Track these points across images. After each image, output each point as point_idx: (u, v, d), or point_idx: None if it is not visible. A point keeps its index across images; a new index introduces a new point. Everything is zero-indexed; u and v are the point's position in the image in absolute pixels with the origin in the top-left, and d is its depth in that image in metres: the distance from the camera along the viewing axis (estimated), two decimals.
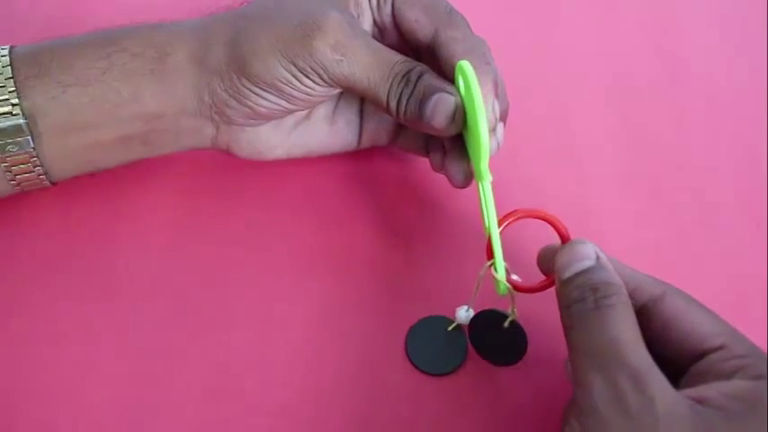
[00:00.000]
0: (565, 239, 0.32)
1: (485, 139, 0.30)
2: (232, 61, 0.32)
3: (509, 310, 0.33)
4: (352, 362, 0.34)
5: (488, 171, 0.32)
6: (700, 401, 0.26)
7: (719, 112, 0.45)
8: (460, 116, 0.32)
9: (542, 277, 0.32)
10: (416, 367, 0.34)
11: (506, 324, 0.33)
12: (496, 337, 0.34)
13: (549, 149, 0.42)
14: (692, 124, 0.44)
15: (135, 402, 0.33)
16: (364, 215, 0.39)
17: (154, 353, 0.34)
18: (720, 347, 0.28)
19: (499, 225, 0.32)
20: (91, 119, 0.33)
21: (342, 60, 0.32)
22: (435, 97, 0.32)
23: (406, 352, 0.34)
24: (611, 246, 0.32)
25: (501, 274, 0.32)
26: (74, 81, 0.32)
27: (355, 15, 0.34)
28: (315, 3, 0.33)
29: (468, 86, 0.31)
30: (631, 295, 0.29)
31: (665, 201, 0.41)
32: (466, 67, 0.31)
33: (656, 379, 0.26)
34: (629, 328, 0.28)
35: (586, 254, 0.30)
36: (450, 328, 0.35)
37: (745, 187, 0.42)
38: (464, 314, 0.34)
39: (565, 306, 0.29)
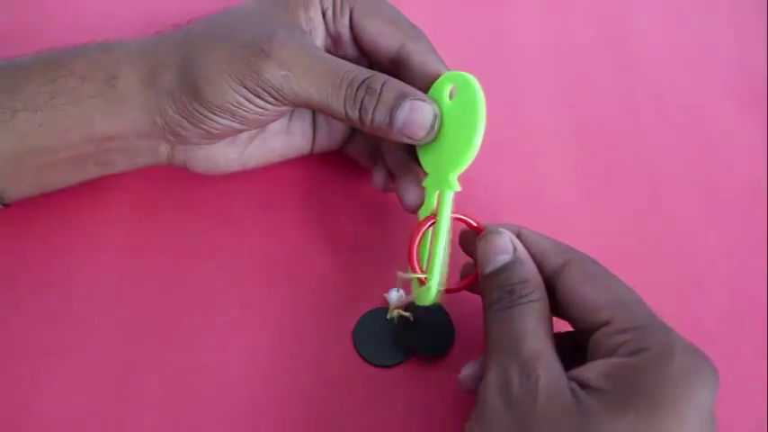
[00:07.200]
0: (479, 230, 0.32)
1: (474, 152, 0.30)
2: (183, 86, 0.32)
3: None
4: (305, 364, 0.35)
5: (457, 182, 0.31)
6: (582, 385, 0.25)
7: (671, 101, 0.45)
8: (439, 125, 0.32)
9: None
10: (365, 360, 0.35)
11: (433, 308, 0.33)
12: (424, 330, 0.35)
13: (503, 147, 0.43)
14: (644, 113, 0.45)
15: (92, 418, 0.33)
16: (313, 219, 0.40)
17: (110, 368, 0.35)
18: (606, 322, 0.27)
19: (416, 235, 0.32)
20: (42, 143, 0.33)
21: (288, 75, 0.31)
22: (408, 105, 0.31)
23: (354, 346, 0.35)
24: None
25: (434, 285, 0.32)
26: (21, 106, 0.32)
27: (307, 30, 0.33)
28: (261, 21, 0.33)
29: (472, 98, 0.30)
30: (539, 266, 0.29)
31: (620, 191, 0.42)
32: (471, 80, 0.30)
33: (545, 366, 0.26)
34: (534, 320, 0.27)
35: (504, 247, 0.30)
36: (388, 316, 0.35)
37: (700, 177, 0.42)
38: (395, 295, 0.35)
39: (486, 305, 0.30)
